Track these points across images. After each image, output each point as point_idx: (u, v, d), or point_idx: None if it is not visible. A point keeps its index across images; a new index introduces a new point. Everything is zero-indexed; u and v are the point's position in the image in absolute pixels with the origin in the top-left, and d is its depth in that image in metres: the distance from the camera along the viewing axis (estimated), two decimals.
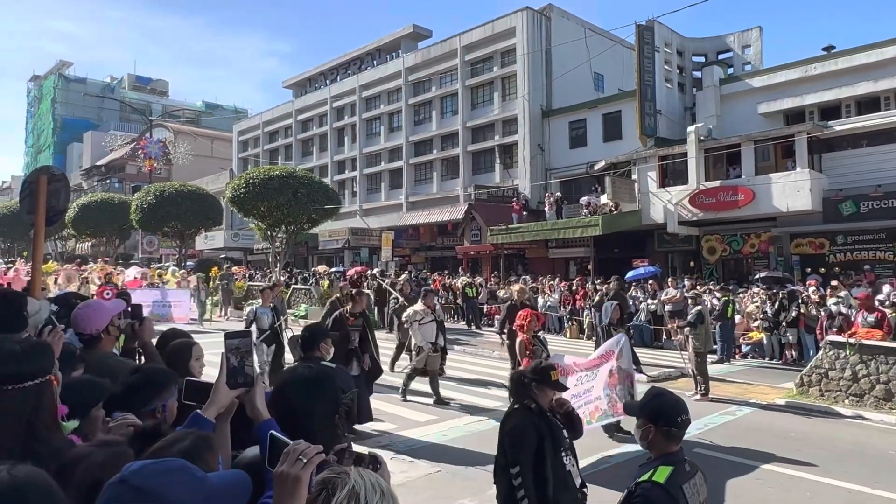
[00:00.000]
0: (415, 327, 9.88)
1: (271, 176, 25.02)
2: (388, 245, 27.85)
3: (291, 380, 2.17)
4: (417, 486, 6.26)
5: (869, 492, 6.20)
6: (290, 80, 50.17)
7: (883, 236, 20.16)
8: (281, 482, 1.54)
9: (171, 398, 2.43)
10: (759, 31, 30.29)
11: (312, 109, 46.38)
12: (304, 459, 1.55)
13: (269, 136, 51.15)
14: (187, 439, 1.93)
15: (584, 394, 7.14)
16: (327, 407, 2.03)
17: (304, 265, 41.56)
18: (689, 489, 2.34)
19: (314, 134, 46.52)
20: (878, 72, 21.97)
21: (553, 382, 3.54)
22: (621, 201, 24.04)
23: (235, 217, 41.36)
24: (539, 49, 31.93)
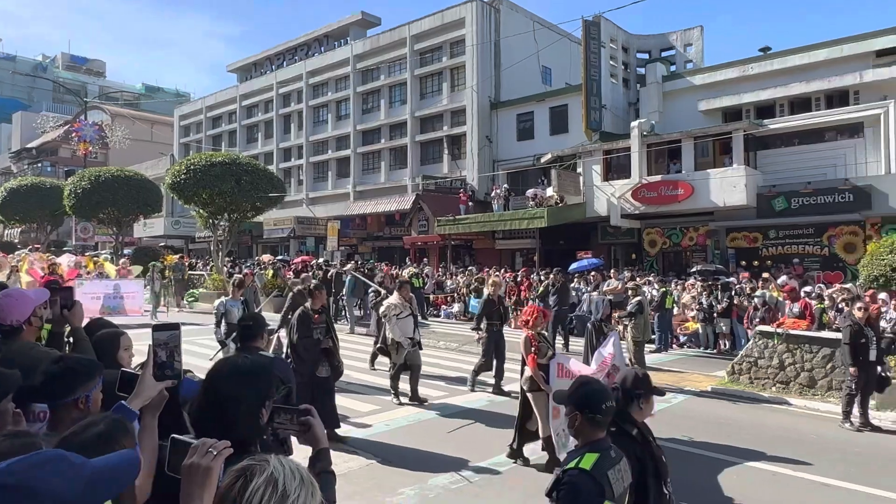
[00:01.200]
0: (392, 322, 9.31)
1: (214, 162, 24.35)
2: (335, 234, 27.56)
3: (223, 369, 2.14)
4: (359, 476, 6.25)
5: (791, 474, 6.51)
6: (234, 64, 48.94)
7: (812, 231, 21.13)
8: (191, 474, 1.54)
9: (94, 388, 2.35)
10: (700, 31, 31.16)
11: (258, 95, 45.39)
12: (213, 452, 1.56)
13: (213, 122, 49.82)
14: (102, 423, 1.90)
15: None
16: (254, 398, 2.00)
17: (248, 254, 40.77)
18: (613, 475, 2.42)
19: (259, 120, 45.55)
20: (810, 73, 22.95)
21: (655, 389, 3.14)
22: (567, 194, 24.44)
23: (176, 204, 40.21)
24: (488, 40, 32.04)
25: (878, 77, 20.95)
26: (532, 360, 6.48)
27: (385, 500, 5.65)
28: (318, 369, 7.39)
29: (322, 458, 2.19)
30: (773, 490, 6.10)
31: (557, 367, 6.35)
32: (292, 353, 7.32)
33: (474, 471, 6.46)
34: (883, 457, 7.22)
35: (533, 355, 6.51)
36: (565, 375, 6.30)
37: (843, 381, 8.77)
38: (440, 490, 5.94)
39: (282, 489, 1.39)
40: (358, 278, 17.92)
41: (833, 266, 20.45)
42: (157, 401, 2.23)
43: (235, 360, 2.23)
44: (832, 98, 22.67)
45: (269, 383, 2.11)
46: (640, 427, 3.00)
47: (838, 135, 21.60)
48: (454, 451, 7.06)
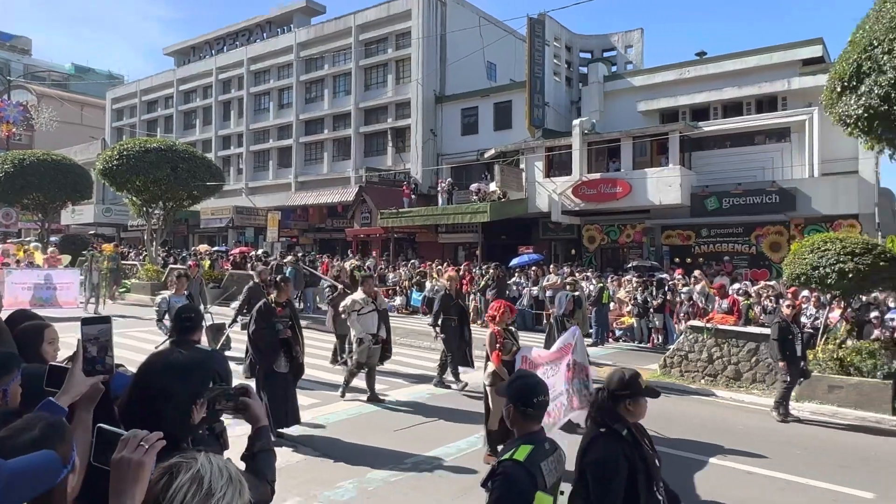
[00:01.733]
0: (353, 318, 8.95)
1: (149, 148, 23.44)
2: (275, 225, 27.07)
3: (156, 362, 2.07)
4: (297, 470, 6.18)
5: (716, 462, 6.80)
6: (171, 47, 47.31)
7: (741, 230, 22.06)
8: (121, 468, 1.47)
9: (12, 382, 2.24)
10: (640, 33, 32.00)
11: (196, 80, 43.99)
12: (145, 445, 1.50)
13: (148, 106, 48.04)
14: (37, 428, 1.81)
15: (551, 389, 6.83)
16: (186, 394, 1.94)
17: (184, 244, 39.56)
18: (546, 466, 2.48)
19: (197, 106, 44.18)
20: (742, 79, 23.90)
21: (647, 390, 2.98)
22: (509, 189, 24.70)
23: (107, 191, 38.60)
24: (434, 34, 32.01)
25: (804, 85, 21.99)
26: (496, 356, 6.47)
27: (323, 494, 5.60)
28: (278, 363, 7.11)
29: (262, 437, 2.21)
30: (700, 478, 6.34)
31: (522, 359, 6.35)
32: (251, 346, 7.08)
33: (414, 464, 6.48)
34: (804, 445, 7.61)
35: (497, 352, 6.50)
36: (530, 367, 6.30)
37: (778, 375, 9.14)
38: (379, 483, 5.93)
39: (207, 487, 1.37)
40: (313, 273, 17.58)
41: (760, 264, 21.42)
42: (91, 395, 2.14)
43: (169, 353, 2.16)
44: (762, 103, 23.68)
45: (204, 379, 2.06)
46: (631, 428, 2.89)
47: (767, 139, 22.61)
48: (395, 444, 7.06)
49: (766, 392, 10.07)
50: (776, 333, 8.87)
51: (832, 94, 9.21)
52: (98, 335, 2.13)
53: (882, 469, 6.84)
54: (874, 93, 8.17)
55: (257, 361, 7.08)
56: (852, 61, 8.62)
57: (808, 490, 6.12)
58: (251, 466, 2.20)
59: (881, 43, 8.12)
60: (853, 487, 6.15)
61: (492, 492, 2.42)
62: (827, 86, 9.50)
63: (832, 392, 9.31)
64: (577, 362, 7.19)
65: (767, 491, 6.07)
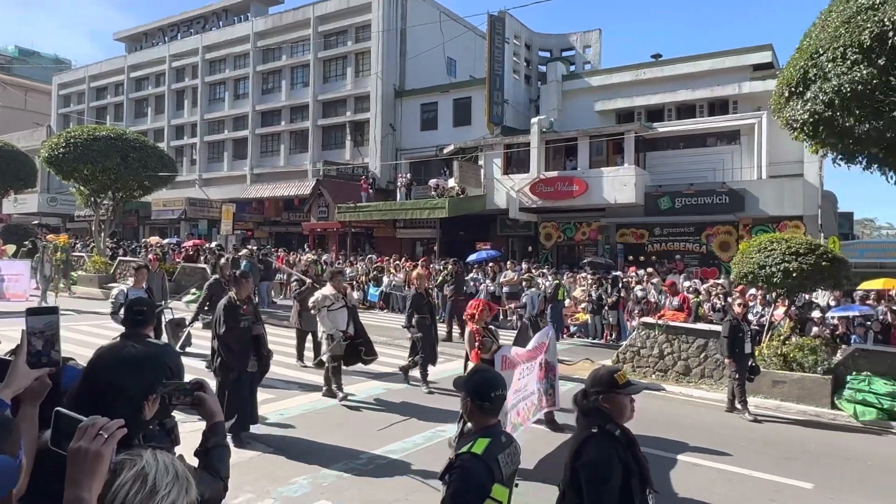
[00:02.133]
0: (323, 314, 8.67)
1: (97, 136, 22.64)
2: (229, 218, 26.52)
3: (107, 356, 2.00)
4: (250, 466, 6.09)
5: (664, 454, 6.97)
6: (122, 32, 45.89)
7: (692, 230, 22.64)
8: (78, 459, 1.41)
9: None
10: (599, 34, 32.43)
11: (148, 67, 42.78)
12: (104, 434, 1.44)
13: (97, 93, 46.50)
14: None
15: (523, 389, 6.86)
16: (136, 389, 1.89)
17: (134, 236, 38.52)
18: (503, 458, 2.51)
19: (149, 94, 42.98)
20: (696, 82, 24.49)
21: (625, 385, 2.84)
22: (468, 186, 24.79)
23: (53, 179, 37.25)
24: (394, 28, 31.83)
25: (754, 89, 22.67)
26: (476, 355, 6.38)
27: (276, 490, 5.54)
28: (247, 363, 6.84)
29: (217, 432, 2.18)
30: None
31: (501, 359, 6.29)
32: (220, 345, 6.78)
33: (369, 459, 6.46)
34: (748, 438, 7.87)
35: (477, 350, 6.38)
36: (508, 367, 6.31)
37: (727, 372, 9.31)
38: (334, 478, 5.90)
39: (151, 484, 1.35)
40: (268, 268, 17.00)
41: (710, 263, 22.03)
42: (37, 389, 2.06)
43: (121, 347, 2.10)
44: (714, 106, 24.32)
45: (156, 374, 2.00)
46: (624, 429, 2.79)
47: (718, 141, 23.25)
48: (349, 439, 7.03)
49: (714, 387, 10.38)
50: (727, 331, 9.04)
51: (780, 99, 9.52)
52: (44, 328, 2.06)
53: (820, 461, 7.13)
54: (819, 99, 8.48)
55: (232, 363, 6.75)
56: (799, 68, 8.93)
57: (751, 481, 6.33)
58: (204, 462, 2.16)
59: (826, 51, 8.43)
60: (794, 478, 6.40)
61: (449, 485, 2.43)
62: (775, 91, 9.82)
63: (776, 387, 9.66)
64: (548, 362, 7.23)
65: (714, 482, 6.26)
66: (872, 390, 8.91)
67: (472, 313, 6.74)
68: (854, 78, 8.00)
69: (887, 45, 7.82)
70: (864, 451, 7.59)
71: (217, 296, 9.65)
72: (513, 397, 6.51)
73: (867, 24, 7.94)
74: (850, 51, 8.10)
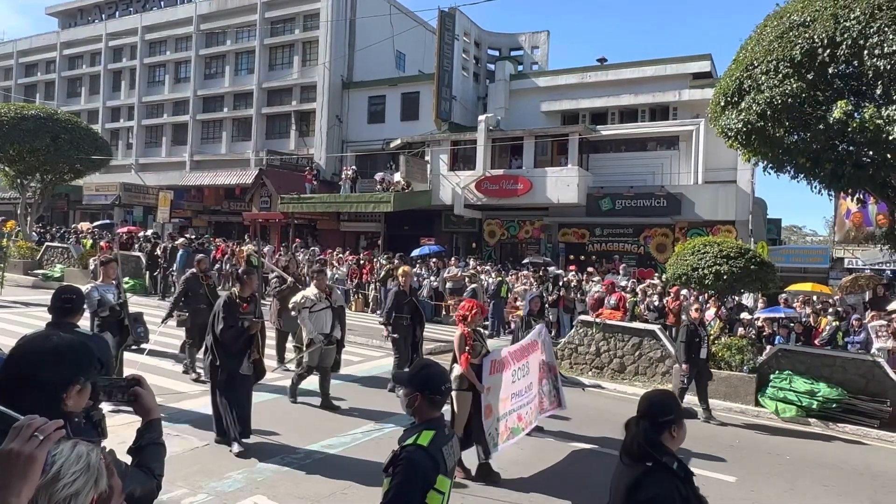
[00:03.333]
0: (304, 315, 8.13)
1: (25, 115, 21.52)
2: (166, 205, 25.71)
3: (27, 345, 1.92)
4: (184, 460, 5.94)
5: (596, 449, 7.17)
6: (55, 7, 43.70)
7: (631, 231, 23.28)
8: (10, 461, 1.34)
9: None
10: (546, 35, 32.88)
11: (83, 45, 40.89)
12: (39, 436, 1.37)
13: (26, 69, 44.21)
14: None
15: (525, 391, 6.62)
16: (57, 379, 1.82)
17: (64, 221, 36.86)
18: (447, 450, 2.57)
19: (83, 73, 41.14)
20: (639, 87, 25.13)
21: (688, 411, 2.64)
22: (413, 181, 24.77)
23: None
24: (343, 18, 31.45)
25: (693, 97, 23.44)
26: (465, 359, 6.07)
27: (209, 485, 5.43)
28: (243, 365, 6.48)
29: (152, 429, 2.14)
30: (580, 463, 6.67)
31: (490, 364, 6.14)
32: (216, 346, 6.41)
33: (307, 453, 6.40)
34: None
35: (466, 354, 6.08)
36: (497, 370, 6.20)
37: (674, 375, 9.31)
38: (269, 473, 5.82)
39: (55, 472, 1.34)
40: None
41: (647, 264, 22.70)
42: None
43: (44, 335, 2.02)
44: (655, 111, 25.02)
45: (78, 364, 1.92)
46: (681, 461, 2.53)
47: (658, 145, 23.96)
48: (287, 433, 6.94)
49: (647, 384, 10.72)
50: (684, 336, 9.01)
51: (716, 108, 9.89)
52: None
53: (744, 455, 7.47)
54: (752, 109, 8.85)
55: (222, 363, 6.40)
56: (735, 79, 9.30)
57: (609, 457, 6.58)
58: (138, 459, 2.11)
59: (760, 63, 8.80)
60: (718, 472, 6.69)
61: (394, 476, 2.44)
62: (712, 99, 10.20)
63: None
64: (545, 362, 7.09)
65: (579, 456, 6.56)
66: (793, 388, 9.39)
67: (463, 315, 6.32)
68: (785, 91, 8.38)
69: (816, 61, 8.23)
70: (784, 447, 7.99)
71: (193, 291, 9.31)
72: (512, 401, 6.45)
73: (798, 40, 8.34)
74: (782, 64, 8.49)
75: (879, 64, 7.69)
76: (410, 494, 2.41)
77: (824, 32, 8.05)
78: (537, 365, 6.91)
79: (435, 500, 2.46)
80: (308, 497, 5.36)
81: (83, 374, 1.88)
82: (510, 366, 6.43)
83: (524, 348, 6.84)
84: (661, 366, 10.96)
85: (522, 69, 30.85)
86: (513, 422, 6.38)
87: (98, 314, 7.33)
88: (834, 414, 9.09)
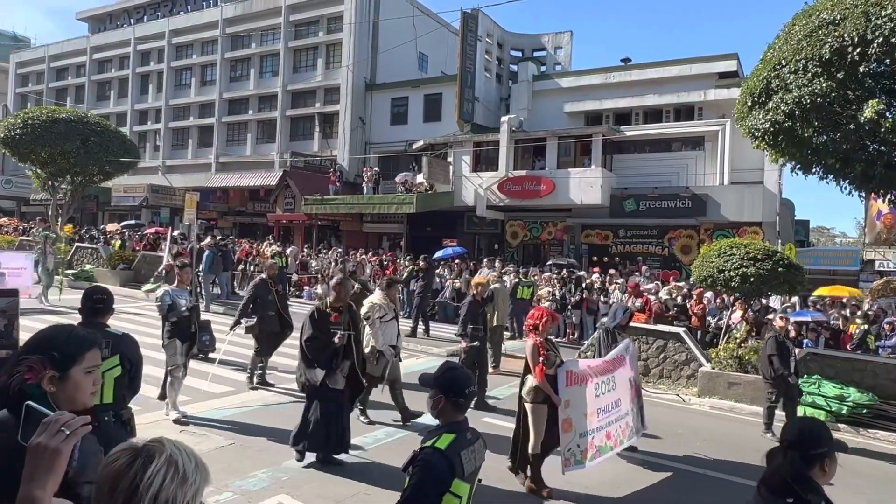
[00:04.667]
0: (376, 326, 7.55)
1: (57, 118, 21.99)
2: (193, 207, 25.81)
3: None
4: (209, 459, 5.85)
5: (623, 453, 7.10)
6: (86, 12, 44.60)
7: (655, 232, 23.05)
8: (37, 455, 1.40)
9: None
10: (570, 35, 32.72)
11: (112, 49, 41.70)
12: (66, 431, 1.43)
13: (57, 73, 45.18)
14: None
15: (613, 408, 6.19)
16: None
17: (93, 221, 37.54)
18: (466, 455, 2.56)
19: (112, 77, 41.92)
20: (663, 87, 24.88)
21: (840, 444, 2.42)
22: (436, 182, 24.81)
23: (9, 161, 36.10)
24: (366, 20, 31.62)
25: (719, 97, 23.14)
26: (540, 370, 5.73)
27: (234, 484, 5.48)
28: (332, 378, 6.05)
29: None
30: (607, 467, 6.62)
31: (566, 374, 5.81)
32: (302, 357, 6.20)
33: None
34: (704, 437, 8.06)
35: (541, 365, 5.73)
36: (576, 382, 5.86)
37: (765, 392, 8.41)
38: (294, 472, 5.87)
39: (182, 471, 1.35)
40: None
41: (671, 265, 22.46)
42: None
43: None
44: (680, 112, 24.75)
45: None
46: (827, 498, 2.29)
47: (683, 146, 23.69)
48: None
49: (671, 387, 10.61)
50: (772, 348, 8.24)
51: (743, 108, 9.75)
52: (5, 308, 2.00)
53: None
54: (780, 109, 8.71)
55: (306, 377, 6.13)
56: (762, 78, 9.16)
57: (704, 480, 6.50)
58: None
59: (788, 63, 8.66)
60: (742, 477, 6.58)
61: (411, 477, 2.49)
62: (739, 99, 10.06)
63: (731, 388, 9.91)
64: (634, 380, 6.71)
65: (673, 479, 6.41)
66: (822, 393, 9.21)
67: (534, 324, 5.92)
68: (814, 90, 8.23)
69: (846, 60, 8.07)
70: None
71: (262, 297, 9.05)
72: (600, 417, 6.02)
73: (828, 38, 8.19)
74: (811, 63, 8.34)
75: None
76: (426, 496, 2.45)
77: (855, 30, 7.90)
78: (626, 381, 6.44)
79: (451, 503, 2.49)
80: (331, 497, 5.39)
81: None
82: (591, 379, 6.03)
83: (609, 363, 6.39)
84: (685, 369, 10.83)
85: (545, 70, 30.73)
86: (600, 440, 5.96)
87: (167, 318, 7.20)
88: (865, 420, 8.89)
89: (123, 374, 3.89)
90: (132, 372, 3.96)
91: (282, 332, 9.21)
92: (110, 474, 1.35)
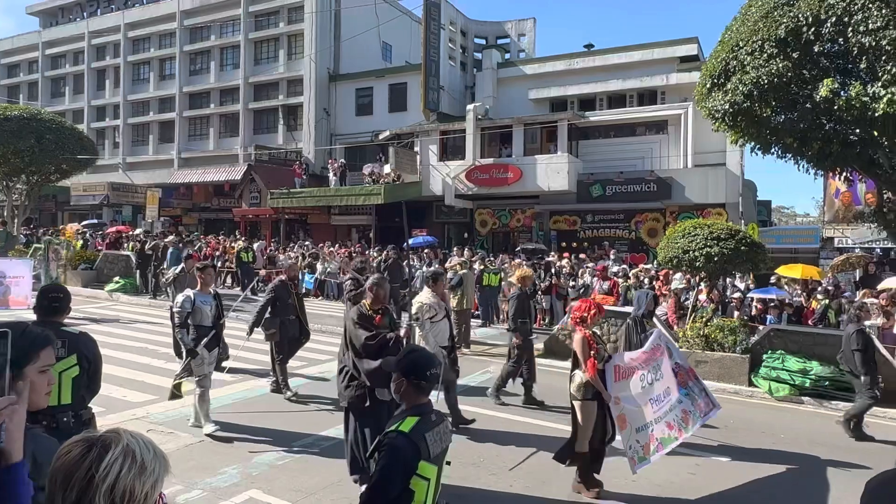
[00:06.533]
0: (427, 327, 6.97)
1: (9, 116, 21.23)
2: (155, 203, 25.59)
3: None
4: (178, 458, 5.90)
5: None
6: (36, 6, 43.24)
7: (622, 216, 23.31)
8: None
9: None
10: (533, 22, 32.78)
11: (65, 44, 40.50)
12: None
13: (8, 70, 43.78)
14: None
15: (664, 397, 5.94)
16: None
17: (52, 222, 36.57)
18: (431, 437, 2.55)
19: (67, 72, 40.74)
20: (626, 72, 25.10)
21: None
22: (404, 172, 24.69)
23: None
24: (328, 9, 31.23)
25: (681, 81, 23.44)
26: (592, 364, 5.44)
27: (204, 481, 5.40)
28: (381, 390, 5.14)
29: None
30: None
31: (615, 369, 5.60)
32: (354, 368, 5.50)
33: (303, 446, 6.39)
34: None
35: (593, 360, 5.45)
36: (623, 377, 5.66)
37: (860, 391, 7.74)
38: (265, 467, 5.80)
39: (140, 461, 1.31)
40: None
41: (638, 249, 22.75)
42: None
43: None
44: (643, 96, 25.01)
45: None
46: None
47: (647, 130, 23.96)
48: (284, 426, 6.92)
49: None
50: (859, 342, 7.56)
51: (703, 90, 9.88)
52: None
53: (738, 435, 7.50)
54: (739, 90, 8.84)
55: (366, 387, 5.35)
56: (721, 60, 9.28)
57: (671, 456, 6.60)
58: None
59: (746, 44, 8.79)
60: (713, 453, 6.72)
61: (378, 462, 2.48)
62: (699, 82, 10.19)
63: (698, 367, 10.04)
64: (681, 365, 6.54)
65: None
66: (786, 367, 9.44)
67: (581, 316, 5.65)
68: (770, 70, 8.37)
69: (801, 40, 8.22)
70: (778, 425, 8.03)
71: (282, 300, 8.43)
72: (655, 408, 5.79)
73: (783, 18, 8.32)
74: (767, 44, 8.47)
75: (864, 40, 7.69)
76: (393, 479, 2.45)
77: (809, 10, 8.04)
78: (669, 369, 6.21)
79: (419, 486, 2.48)
80: (303, 490, 5.34)
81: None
82: (637, 371, 5.79)
83: (649, 353, 6.15)
84: None
85: (509, 57, 30.75)
86: (661, 431, 5.73)
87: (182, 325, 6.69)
88: (827, 392, 9.14)
89: (81, 373, 3.77)
90: (90, 371, 3.85)
91: (300, 338, 8.70)
92: (63, 466, 1.30)
